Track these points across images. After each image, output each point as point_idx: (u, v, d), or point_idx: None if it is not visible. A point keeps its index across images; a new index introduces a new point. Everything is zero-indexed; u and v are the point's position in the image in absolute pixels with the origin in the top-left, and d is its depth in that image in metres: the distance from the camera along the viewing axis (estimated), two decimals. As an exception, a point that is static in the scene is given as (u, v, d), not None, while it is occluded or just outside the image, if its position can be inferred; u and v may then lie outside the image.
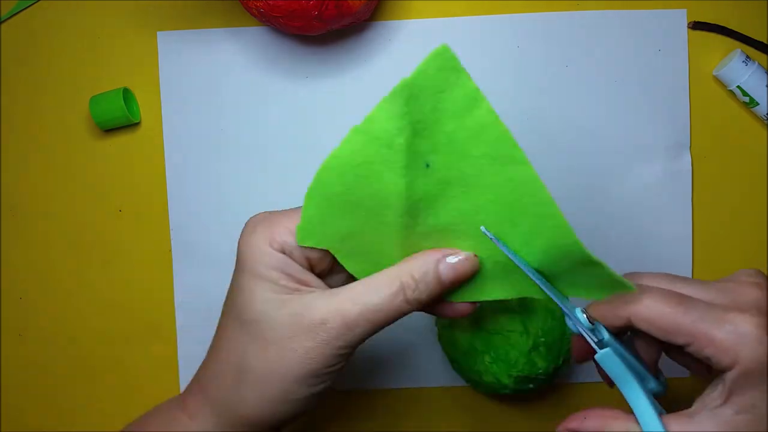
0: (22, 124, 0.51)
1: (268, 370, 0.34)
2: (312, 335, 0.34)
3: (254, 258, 0.35)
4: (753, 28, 0.49)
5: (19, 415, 0.51)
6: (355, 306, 0.34)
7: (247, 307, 0.35)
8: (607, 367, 0.35)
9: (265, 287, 0.34)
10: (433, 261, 0.35)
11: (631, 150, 0.49)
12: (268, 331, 0.34)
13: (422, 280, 0.34)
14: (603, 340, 0.34)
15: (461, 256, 0.35)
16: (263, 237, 0.35)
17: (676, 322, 0.33)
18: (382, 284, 0.34)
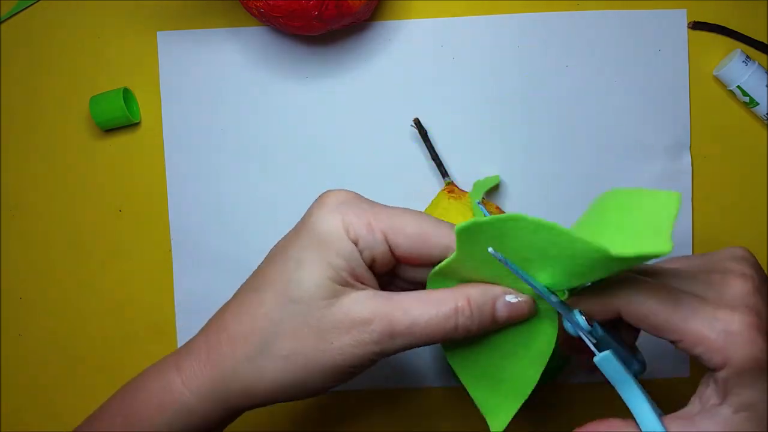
0: (22, 124, 0.51)
1: (297, 354, 0.33)
2: (353, 332, 0.33)
3: (326, 238, 0.33)
4: (753, 28, 0.49)
5: (19, 415, 0.51)
6: (405, 316, 0.33)
7: (297, 285, 0.33)
8: (605, 370, 0.35)
9: (326, 272, 0.33)
10: (492, 294, 0.34)
11: (631, 150, 0.49)
12: (311, 315, 0.33)
13: (478, 309, 0.33)
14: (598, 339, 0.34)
15: (521, 298, 0.34)
16: (342, 220, 0.33)
17: (665, 320, 0.33)
18: (438, 302, 0.33)
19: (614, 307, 0.34)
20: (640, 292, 0.33)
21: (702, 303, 0.33)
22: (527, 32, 0.49)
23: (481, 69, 0.50)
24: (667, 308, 0.33)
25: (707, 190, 0.50)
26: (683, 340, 0.33)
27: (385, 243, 0.33)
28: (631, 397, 0.35)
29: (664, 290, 0.33)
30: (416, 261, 0.34)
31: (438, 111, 0.49)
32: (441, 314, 0.33)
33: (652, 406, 0.35)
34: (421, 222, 0.34)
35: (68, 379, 0.51)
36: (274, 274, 0.34)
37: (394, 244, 0.34)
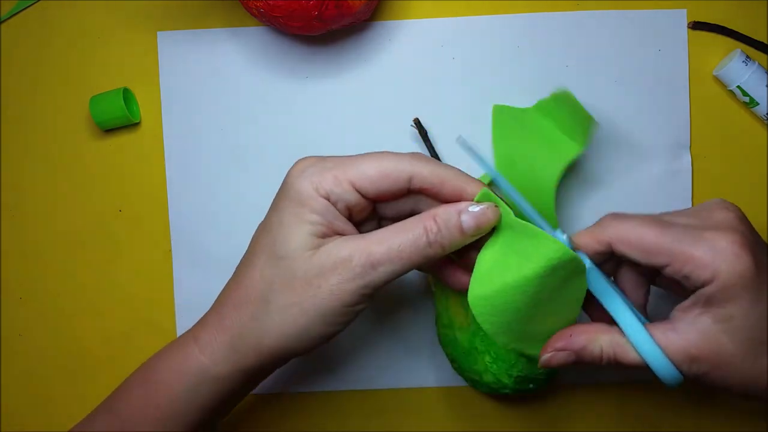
0: (22, 124, 0.51)
1: (293, 304, 0.36)
2: (337, 272, 0.35)
3: (300, 199, 0.36)
4: (753, 28, 0.49)
5: (19, 415, 0.51)
6: (380, 246, 0.35)
7: (282, 244, 0.36)
8: (590, 280, 0.36)
9: (304, 229, 0.36)
10: (455, 209, 0.36)
11: (631, 150, 0.49)
12: (297, 266, 0.36)
13: (445, 226, 0.36)
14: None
15: (483, 206, 0.36)
16: (311, 181, 0.36)
17: (655, 242, 0.35)
18: (408, 227, 0.36)
19: (606, 237, 0.36)
20: (630, 221, 0.36)
21: (688, 226, 0.35)
22: (527, 32, 0.49)
23: (481, 69, 0.50)
24: (656, 232, 0.35)
25: (707, 190, 0.50)
26: (672, 262, 0.35)
27: (353, 191, 0.36)
28: (615, 307, 0.37)
29: (652, 219, 0.36)
30: (387, 197, 0.37)
31: (438, 111, 0.49)
32: (412, 236, 0.36)
33: (637, 315, 0.36)
34: (381, 161, 0.37)
35: (68, 379, 0.51)
36: (261, 239, 0.38)
37: (362, 189, 0.37)
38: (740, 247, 0.34)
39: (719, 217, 0.36)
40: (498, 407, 0.50)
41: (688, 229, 0.35)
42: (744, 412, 0.50)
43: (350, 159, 0.37)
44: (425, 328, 0.50)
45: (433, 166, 0.37)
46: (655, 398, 0.50)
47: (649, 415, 0.50)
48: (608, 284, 0.37)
